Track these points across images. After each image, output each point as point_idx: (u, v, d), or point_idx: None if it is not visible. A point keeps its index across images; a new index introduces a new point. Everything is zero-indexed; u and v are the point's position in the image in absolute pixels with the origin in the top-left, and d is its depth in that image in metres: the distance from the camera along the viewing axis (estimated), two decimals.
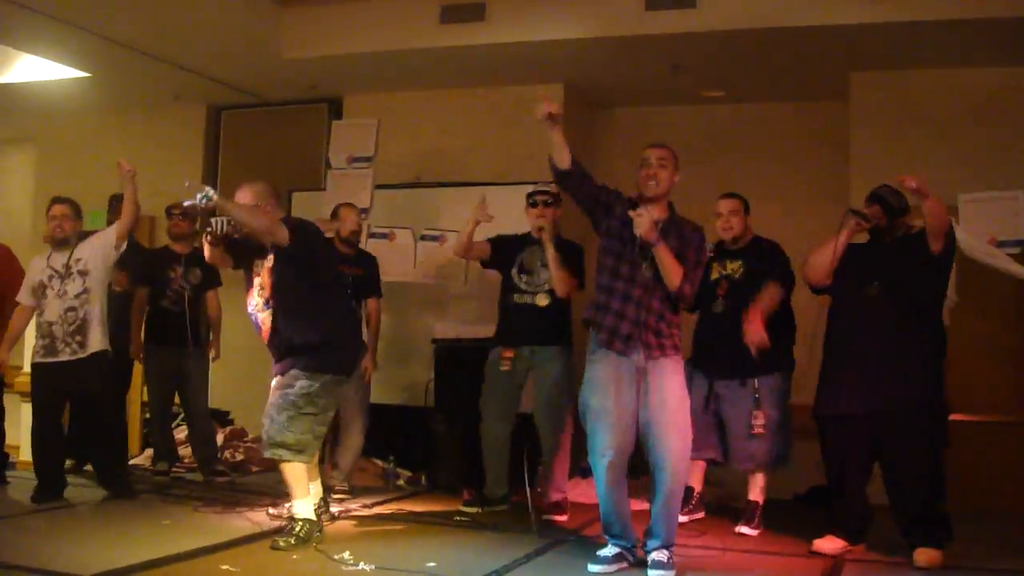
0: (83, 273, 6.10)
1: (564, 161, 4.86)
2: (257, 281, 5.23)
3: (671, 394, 4.63)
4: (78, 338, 6.07)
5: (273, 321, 5.13)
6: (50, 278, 6.11)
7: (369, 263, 6.81)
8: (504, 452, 6.20)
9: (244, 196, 5.21)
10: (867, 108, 7.24)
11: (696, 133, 8.04)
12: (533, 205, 6.07)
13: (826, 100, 7.76)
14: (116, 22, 6.90)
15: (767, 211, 7.33)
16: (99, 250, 6.15)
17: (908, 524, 4.98)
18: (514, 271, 6.16)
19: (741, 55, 7.02)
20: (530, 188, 6.20)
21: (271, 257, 5.14)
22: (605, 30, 6.81)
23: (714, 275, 5.86)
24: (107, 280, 6.29)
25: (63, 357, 6.06)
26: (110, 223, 6.87)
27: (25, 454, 7.09)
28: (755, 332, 5.46)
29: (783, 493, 6.85)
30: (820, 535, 5.20)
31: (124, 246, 6.22)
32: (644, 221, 4.58)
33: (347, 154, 7.87)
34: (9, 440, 6.96)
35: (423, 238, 7.74)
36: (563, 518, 5.98)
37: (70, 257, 6.12)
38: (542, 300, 6.04)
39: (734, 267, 5.86)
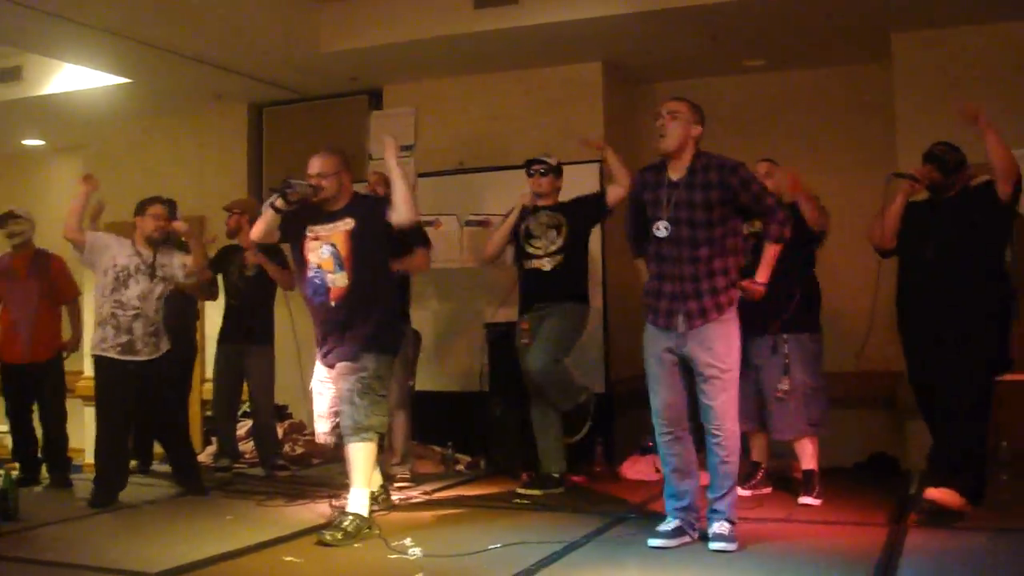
0: (165, 280, 6.23)
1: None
2: (317, 244, 5.25)
3: (715, 357, 4.61)
4: (154, 340, 6.19)
5: (349, 285, 5.14)
6: (137, 268, 6.13)
7: None
8: (551, 427, 6.19)
9: (324, 164, 5.25)
10: (910, 69, 7.11)
11: (738, 103, 7.96)
12: (530, 175, 6.27)
13: (868, 63, 7.64)
14: (153, 26, 6.95)
15: (813, 179, 7.27)
16: (175, 269, 6.26)
17: (944, 474, 4.98)
18: (521, 236, 6.25)
19: (780, 22, 6.93)
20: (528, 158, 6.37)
21: (349, 221, 5.21)
22: (641, 4, 6.74)
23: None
24: None
25: (141, 357, 6.14)
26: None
27: (91, 457, 7.19)
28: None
29: (845, 461, 6.82)
30: (881, 502, 5.18)
31: (190, 280, 6.39)
32: (755, 292, 4.73)
33: None
34: (73, 444, 7.08)
35: (468, 223, 7.76)
36: (635, 499, 5.91)
37: (155, 258, 6.19)
38: (547, 264, 6.13)
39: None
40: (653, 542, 4.63)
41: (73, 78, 8.25)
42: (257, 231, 5.38)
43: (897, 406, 6.89)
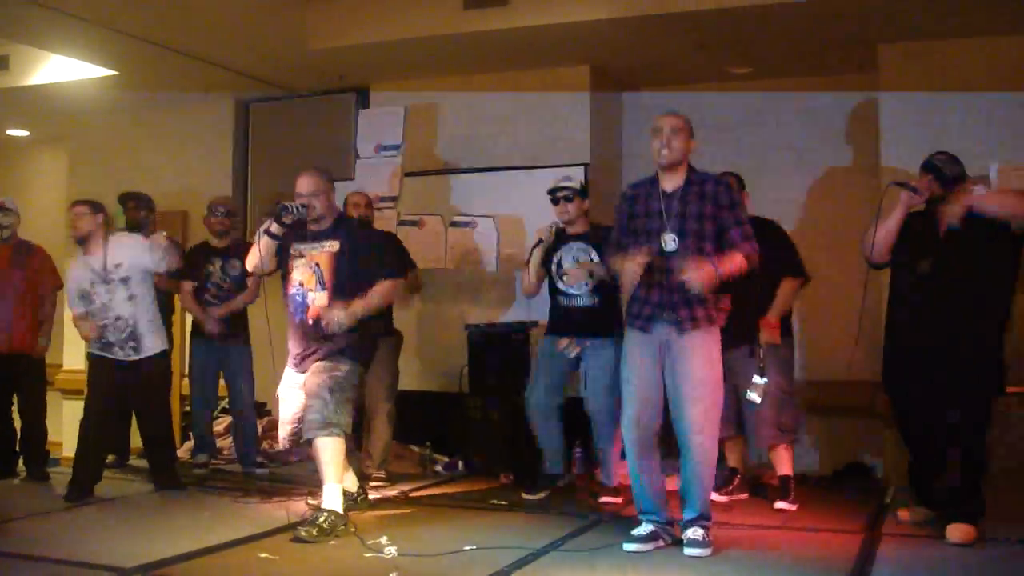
0: (125, 280, 6.12)
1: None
2: (302, 263, 5.26)
3: (695, 367, 4.62)
4: (131, 344, 6.15)
5: (328, 305, 5.16)
6: (92, 283, 6.10)
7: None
8: (557, 428, 6.17)
9: (312, 184, 5.26)
10: (896, 80, 7.11)
11: (725, 111, 7.96)
12: (555, 202, 6.08)
13: (855, 73, 7.65)
14: (141, 19, 6.93)
15: (798, 187, 7.32)
16: (138, 261, 6.16)
17: (943, 497, 4.96)
18: (553, 269, 6.11)
19: (767, 30, 6.94)
20: (551, 184, 6.17)
21: (334, 244, 5.24)
22: (629, 10, 6.74)
23: None
24: (151, 284, 6.31)
25: (119, 357, 6.13)
26: (131, 222, 6.89)
27: (69, 450, 7.19)
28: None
29: (823, 468, 6.84)
30: (857, 510, 5.18)
31: (171, 271, 6.39)
32: (695, 279, 4.51)
33: (375, 143, 7.91)
34: (52, 437, 7.06)
35: (453, 224, 7.76)
36: (618, 500, 5.93)
37: (105, 261, 6.11)
38: (580, 301, 6.01)
39: None
40: (628, 546, 4.65)
41: (59, 69, 8.22)
42: (253, 262, 5.39)
43: (877, 415, 6.90)
